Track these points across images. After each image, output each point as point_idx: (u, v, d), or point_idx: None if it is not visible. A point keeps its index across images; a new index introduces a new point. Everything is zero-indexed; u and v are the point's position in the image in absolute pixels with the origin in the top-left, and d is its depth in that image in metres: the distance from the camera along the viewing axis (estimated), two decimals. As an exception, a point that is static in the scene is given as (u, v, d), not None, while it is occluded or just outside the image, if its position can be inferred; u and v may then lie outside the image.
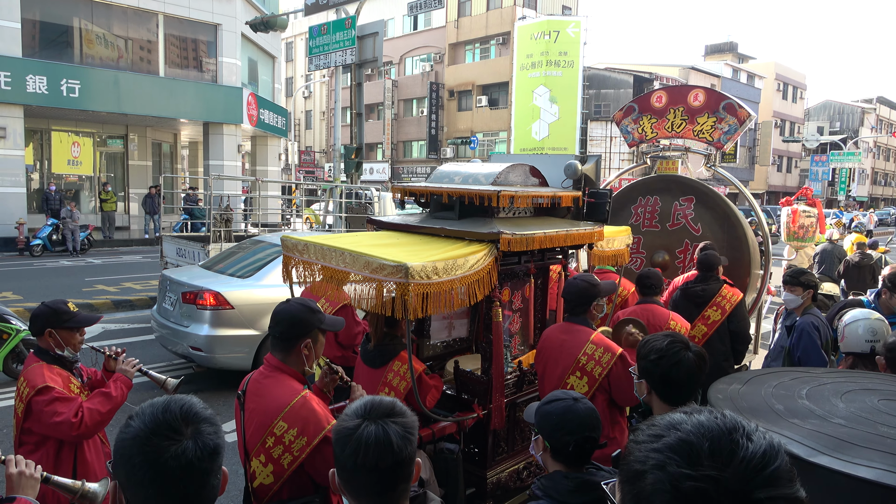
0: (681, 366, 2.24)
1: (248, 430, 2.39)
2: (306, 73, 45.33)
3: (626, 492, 0.93)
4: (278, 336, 2.43)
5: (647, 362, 2.31)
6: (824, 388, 2.56)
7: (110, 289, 11.81)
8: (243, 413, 2.43)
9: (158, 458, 1.19)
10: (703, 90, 6.53)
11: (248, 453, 2.38)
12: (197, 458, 1.21)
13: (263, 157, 24.97)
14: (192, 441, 1.22)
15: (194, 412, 1.27)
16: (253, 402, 2.40)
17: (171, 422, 1.23)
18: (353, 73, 15.18)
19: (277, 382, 2.38)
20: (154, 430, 1.22)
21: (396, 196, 3.72)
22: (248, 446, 2.39)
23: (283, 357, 2.42)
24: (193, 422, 1.25)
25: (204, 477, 1.23)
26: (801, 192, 10.72)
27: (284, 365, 2.41)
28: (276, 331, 2.43)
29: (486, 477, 3.47)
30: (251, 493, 2.40)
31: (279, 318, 2.43)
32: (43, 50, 17.10)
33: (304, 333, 2.41)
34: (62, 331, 2.93)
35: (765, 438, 0.87)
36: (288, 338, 2.41)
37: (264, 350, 6.70)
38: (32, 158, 19.51)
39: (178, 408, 1.26)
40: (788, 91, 52.68)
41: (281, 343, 2.42)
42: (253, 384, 2.44)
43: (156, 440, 1.21)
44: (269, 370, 2.43)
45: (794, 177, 54.67)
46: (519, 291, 3.88)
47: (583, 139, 29.97)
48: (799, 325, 4.34)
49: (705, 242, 5.66)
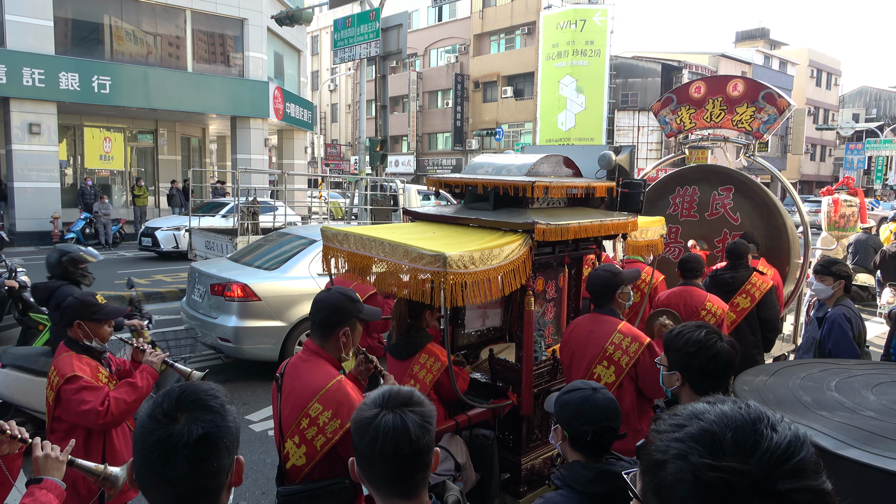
0: (719, 357, 2.21)
1: (283, 412, 2.45)
2: (331, 67, 45.52)
3: (647, 482, 0.91)
4: (318, 322, 2.50)
5: (683, 354, 2.26)
6: (854, 380, 2.51)
7: (141, 281, 11.99)
8: (280, 395, 2.49)
9: (145, 441, 1.22)
10: (743, 80, 6.48)
11: (283, 434, 2.43)
12: (182, 443, 1.20)
13: (290, 151, 25.15)
14: (182, 426, 1.22)
15: (194, 399, 1.27)
16: (289, 383, 2.47)
17: (166, 407, 1.24)
18: (378, 65, 15.14)
19: (314, 366, 2.45)
20: (150, 412, 1.25)
21: (431, 188, 3.77)
22: (283, 427, 2.44)
23: (322, 343, 2.49)
24: (190, 408, 1.25)
25: (191, 463, 1.21)
26: (843, 181, 10.44)
27: (322, 350, 2.49)
28: (316, 317, 2.51)
29: (520, 463, 3.55)
30: (284, 475, 2.45)
31: (320, 305, 2.51)
32: (75, 47, 17.40)
33: (343, 321, 2.49)
34: (90, 322, 3.03)
35: (790, 429, 0.85)
36: (327, 324, 2.48)
37: (291, 341, 6.75)
38: (66, 154, 19.93)
39: (177, 394, 1.27)
40: (822, 77, 51.36)
41: (320, 329, 2.50)
42: (290, 367, 2.52)
43: (148, 423, 1.23)
44: (307, 354, 2.50)
45: (828, 166, 53.36)
46: (553, 281, 3.89)
47: (610, 129, 29.63)
48: (830, 317, 4.22)
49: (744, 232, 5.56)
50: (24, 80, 15.78)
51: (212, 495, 1.26)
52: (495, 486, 3.34)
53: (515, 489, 3.55)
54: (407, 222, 3.87)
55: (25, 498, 1.99)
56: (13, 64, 15.59)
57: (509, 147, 34.16)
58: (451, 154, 38.93)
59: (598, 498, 1.90)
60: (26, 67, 15.77)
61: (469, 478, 3.23)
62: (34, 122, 16.31)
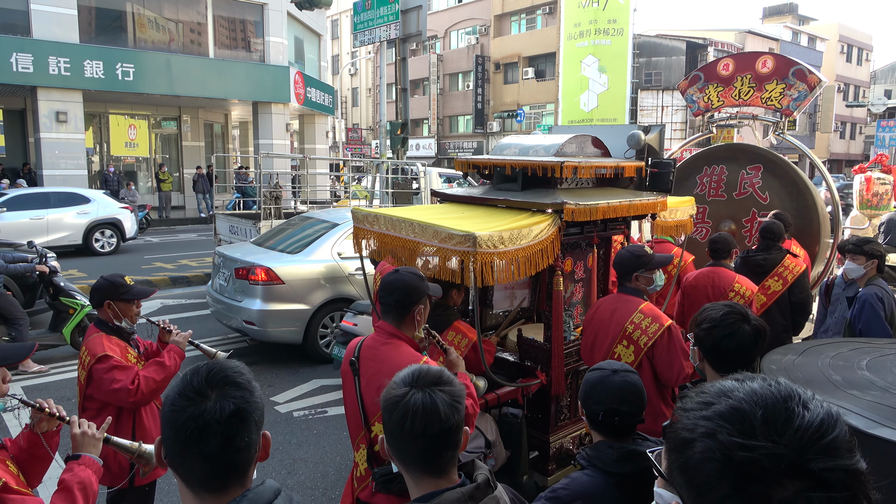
0: (733, 337, 2.19)
1: (366, 396, 2.45)
2: (352, 50, 45.41)
3: (674, 460, 0.89)
4: (393, 304, 2.50)
5: (700, 330, 2.27)
6: (886, 359, 2.46)
7: (168, 266, 12.17)
8: (359, 380, 2.49)
9: (178, 418, 1.23)
10: (772, 56, 6.34)
11: (369, 419, 2.45)
12: (215, 419, 1.22)
13: (311, 135, 25.20)
14: (214, 402, 1.24)
15: (222, 376, 1.29)
16: (371, 367, 2.46)
17: (195, 384, 1.26)
18: (398, 48, 15.05)
19: (395, 348, 2.46)
20: (180, 390, 1.26)
21: (454, 171, 3.78)
22: (367, 412, 2.46)
23: (398, 324, 2.51)
24: (219, 385, 1.27)
25: (224, 439, 1.23)
26: (876, 158, 10.16)
27: (399, 331, 2.50)
28: (391, 299, 2.50)
29: (548, 441, 3.59)
30: (373, 457, 2.49)
31: (394, 286, 2.50)
32: (98, 35, 17.55)
33: (418, 300, 2.51)
34: (120, 303, 3.09)
35: (822, 407, 0.82)
36: (404, 304, 2.49)
37: (314, 324, 6.80)
38: (92, 142, 20.20)
39: (206, 371, 1.29)
40: (853, 53, 49.91)
41: (396, 311, 2.50)
42: (367, 350, 2.52)
43: (179, 400, 1.24)
44: (384, 337, 2.50)
45: (858, 144, 52.02)
46: (581, 262, 3.87)
47: (633, 109, 29.15)
48: (861, 296, 4.10)
49: (776, 211, 5.45)
50: (50, 68, 15.98)
51: (240, 470, 1.28)
52: (524, 464, 3.37)
53: (544, 467, 3.59)
54: (435, 203, 3.89)
55: (65, 473, 2.05)
56: (40, 53, 15.79)
57: (530, 129, 33.84)
58: (473, 137, 38.70)
59: (623, 478, 1.89)
60: (52, 56, 15.96)
61: (500, 455, 3.27)
62: (61, 111, 16.53)
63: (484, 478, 1.47)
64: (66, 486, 1.99)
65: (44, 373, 6.48)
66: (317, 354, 6.87)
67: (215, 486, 1.25)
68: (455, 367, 2.70)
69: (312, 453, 4.88)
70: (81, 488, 2.00)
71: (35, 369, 6.48)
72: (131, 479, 2.99)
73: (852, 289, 4.43)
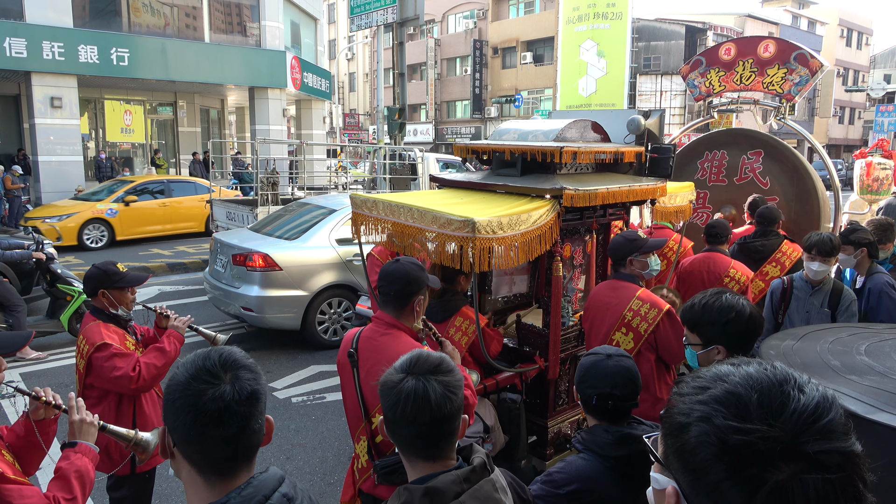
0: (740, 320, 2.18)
1: (366, 388, 2.44)
2: (348, 35, 45.02)
3: (669, 445, 0.89)
4: (394, 294, 2.47)
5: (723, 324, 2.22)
6: (885, 344, 2.46)
7: (165, 252, 12.13)
8: (357, 371, 2.47)
9: (198, 401, 1.23)
10: (774, 41, 6.31)
11: (369, 411, 2.43)
12: (235, 401, 1.24)
13: (308, 121, 25.02)
14: (231, 385, 1.25)
15: (233, 359, 1.30)
16: (371, 358, 2.43)
17: (210, 367, 1.27)
18: (395, 32, 14.92)
19: (395, 339, 2.43)
20: (195, 375, 1.26)
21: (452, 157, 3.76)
22: (367, 403, 2.44)
23: (398, 314, 2.48)
24: (232, 368, 1.28)
25: (243, 420, 1.25)
26: (877, 143, 10.12)
27: (399, 322, 2.47)
28: (391, 289, 2.47)
29: (547, 426, 3.61)
30: (374, 448, 2.48)
31: (394, 276, 2.47)
32: (93, 20, 17.33)
33: (418, 290, 2.48)
34: (114, 290, 3.06)
35: (817, 390, 0.83)
36: (404, 295, 2.46)
37: (312, 311, 6.79)
38: (88, 128, 20.04)
39: (217, 355, 1.30)
40: (853, 37, 49.65)
41: (396, 301, 2.47)
42: (366, 342, 2.49)
43: (195, 384, 1.24)
44: (383, 327, 2.47)
45: (857, 129, 51.89)
46: (580, 247, 3.86)
47: (631, 94, 29.01)
48: (874, 287, 3.87)
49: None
50: (44, 53, 15.79)
51: (251, 454, 1.29)
52: (522, 449, 3.39)
53: (542, 452, 3.61)
54: (434, 189, 3.86)
55: (61, 461, 2.04)
56: (33, 37, 15.60)
57: (529, 114, 33.68)
58: (470, 122, 38.51)
59: (619, 461, 1.90)
60: (46, 41, 15.76)
61: (498, 440, 3.28)
62: (55, 96, 16.37)
63: (480, 461, 1.47)
64: (63, 475, 1.99)
65: (42, 359, 6.48)
66: (315, 340, 6.86)
67: (228, 470, 1.26)
68: (451, 359, 2.68)
69: (311, 439, 4.89)
70: (78, 476, 2.00)
71: (33, 356, 6.48)
72: (132, 465, 3.00)
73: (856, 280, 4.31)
